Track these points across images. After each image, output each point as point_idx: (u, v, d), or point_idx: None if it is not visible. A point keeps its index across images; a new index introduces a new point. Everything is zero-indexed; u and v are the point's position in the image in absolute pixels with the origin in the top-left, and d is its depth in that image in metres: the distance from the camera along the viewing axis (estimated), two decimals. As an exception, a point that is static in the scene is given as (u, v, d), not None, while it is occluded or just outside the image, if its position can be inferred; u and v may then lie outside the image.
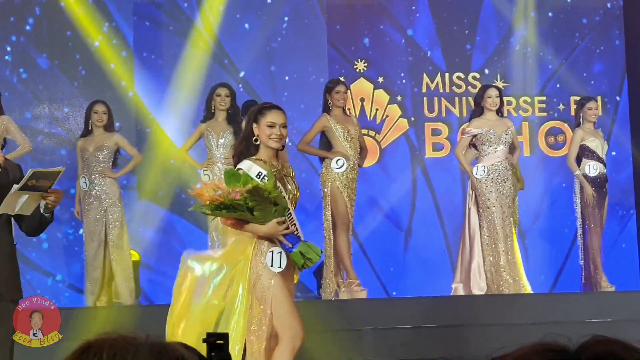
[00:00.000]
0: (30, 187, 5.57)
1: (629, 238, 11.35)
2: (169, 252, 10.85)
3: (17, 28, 10.65)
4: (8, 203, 5.65)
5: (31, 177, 5.53)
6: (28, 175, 5.51)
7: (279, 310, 5.91)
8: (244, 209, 5.70)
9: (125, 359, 1.27)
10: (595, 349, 1.19)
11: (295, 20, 11.20)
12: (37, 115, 10.66)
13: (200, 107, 9.88)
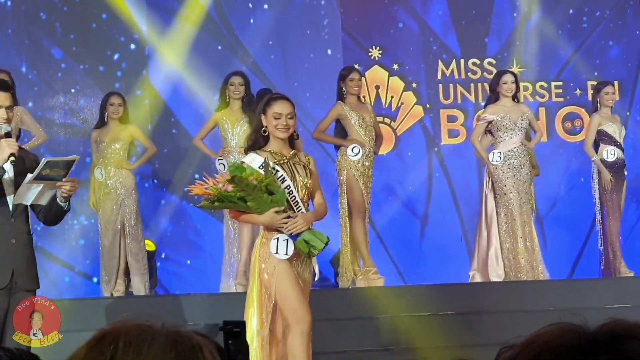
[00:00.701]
0: (44, 177, 5.59)
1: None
2: (185, 242, 10.90)
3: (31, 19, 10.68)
4: (23, 193, 5.68)
5: (45, 167, 5.55)
6: (42, 165, 5.53)
7: (284, 297, 6.00)
8: (236, 200, 5.81)
9: (141, 347, 1.27)
10: (612, 326, 1.19)
11: (308, 7, 11.19)
12: (51, 106, 10.68)
13: (215, 95, 9.88)
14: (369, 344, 8.19)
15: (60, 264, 10.44)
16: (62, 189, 5.68)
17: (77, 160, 5.79)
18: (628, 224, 10.50)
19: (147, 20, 10.92)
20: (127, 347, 1.28)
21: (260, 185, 5.84)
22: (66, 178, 5.67)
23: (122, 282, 9.36)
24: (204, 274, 10.53)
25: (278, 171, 6.05)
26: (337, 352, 7.87)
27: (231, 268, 9.39)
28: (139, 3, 10.89)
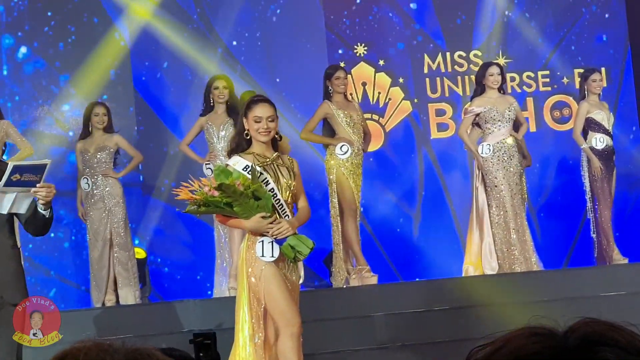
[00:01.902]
0: (15, 183, 5.53)
1: (639, 209, 11.33)
2: (177, 247, 10.89)
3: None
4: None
5: (13, 172, 5.49)
6: (9, 170, 5.46)
7: (272, 300, 6.03)
8: (222, 205, 5.86)
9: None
10: (584, 330, 1.17)
11: (290, 5, 11.18)
12: (37, 117, 10.68)
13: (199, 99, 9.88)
14: (364, 343, 8.20)
15: (49, 275, 10.44)
16: (37, 194, 5.65)
17: (49, 164, 5.71)
18: (620, 211, 10.49)
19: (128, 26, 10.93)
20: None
21: (246, 191, 5.89)
22: (40, 184, 5.62)
23: (112, 292, 9.35)
24: (197, 280, 10.53)
25: (262, 173, 6.09)
26: (332, 353, 7.89)
27: (223, 272, 9.39)
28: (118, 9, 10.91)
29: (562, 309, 7.59)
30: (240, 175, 6.00)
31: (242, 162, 6.12)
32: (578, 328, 1.18)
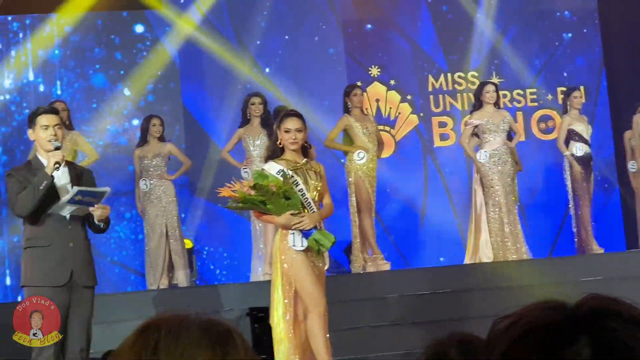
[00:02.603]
0: (77, 202, 5.64)
1: (613, 206, 11.30)
2: (219, 239, 10.92)
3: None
4: (59, 207, 5.71)
5: (77, 194, 5.60)
6: (73, 192, 5.60)
7: (302, 284, 6.03)
8: (257, 203, 5.88)
9: (179, 333, 1.27)
10: (591, 303, 1.17)
11: (316, 34, 11.20)
12: (101, 128, 10.72)
13: (238, 113, 9.90)
14: (379, 321, 8.19)
15: (110, 262, 10.47)
16: (94, 213, 5.73)
17: (108, 192, 5.83)
18: (597, 207, 10.46)
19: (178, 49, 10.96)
20: (168, 334, 1.27)
21: (278, 191, 5.91)
22: (98, 205, 5.71)
23: (166, 277, 9.38)
24: (236, 266, 10.55)
25: (293, 176, 6.10)
26: (352, 329, 7.87)
27: (258, 260, 9.40)
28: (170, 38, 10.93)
29: (548, 292, 7.55)
30: (274, 178, 6.02)
31: (276, 167, 6.14)
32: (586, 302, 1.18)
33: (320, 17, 11.25)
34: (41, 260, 5.78)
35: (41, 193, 5.68)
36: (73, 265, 5.81)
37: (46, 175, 5.68)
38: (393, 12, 11.53)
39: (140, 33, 10.94)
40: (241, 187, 6.01)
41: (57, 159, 5.70)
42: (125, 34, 10.91)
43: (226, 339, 1.28)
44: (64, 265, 5.78)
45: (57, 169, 5.72)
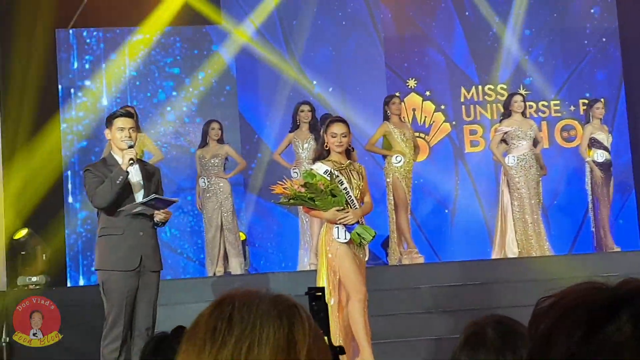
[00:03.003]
0: (148, 204, 5.80)
1: (630, 208, 11.18)
2: (269, 232, 10.96)
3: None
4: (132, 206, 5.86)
5: (151, 199, 5.77)
6: (151, 198, 5.76)
7: (345, 273, 6.06)
8: (307, 199, 5.90)
9: (251, 306, 1.29)
10: (631, 284, 1.16)
11: (359, 49, 11.22)
12: (166, 131, 10.81)
13: (289, 120, 9.95)
14: (413, 309, 8.17)
15: (172, 251, 10.55)
16: (157, 216, 5.85)
17: (177, 202, 6.11)
18: (614, 209, 10.37)
19: (234, 59, 11.03)
20: (241, 306, 1.29)
21: (326, 189, 5.95)
22: (163, 210, 5.90)
23: (221, 265, 9.44)
24: (285, 256, 10.58)
25: (338, 176, 6.13)
26: (389, 315, 7.87)
27: (305, 251, 9.43)
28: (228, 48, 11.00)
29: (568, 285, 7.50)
30: (322, 177, 6.05)
31: (323, 167, 6.17)
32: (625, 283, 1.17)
33: (364, 33, 11.26)
34: (114, 247, 5.87)
35: (118, 187, 5.79)
36: (142, 252, 5.89)
37: (122, 171, 5.81)
38: (429, 29, 11.51)
39: (203, 45, 11.00)
40: (292, 185, 6.06)
41: (131, 155, 5.82)
42: (187, 45, 10.99)
43: (292, 313, 1.30)
44: (134, 252, 5.87)
45: (132, 165, 5.84)
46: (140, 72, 10.83)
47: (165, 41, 10.91)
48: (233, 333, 1.26)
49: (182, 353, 1.29)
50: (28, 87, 9.95)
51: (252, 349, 1.24)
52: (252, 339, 1.25)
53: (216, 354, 1.24)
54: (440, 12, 11.52)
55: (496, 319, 1.97)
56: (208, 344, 1.26)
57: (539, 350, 1.15)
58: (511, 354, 1.91)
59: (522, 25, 11.45)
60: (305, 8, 11.15)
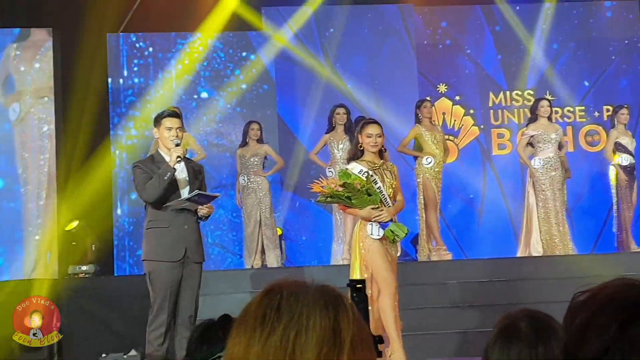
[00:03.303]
0: (192, 200, 5.85)
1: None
2: (305, 228, 10.97)
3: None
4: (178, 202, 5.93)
5: (195, 195, 5.83)
6: (194, 194, 5.82)
7: (377, 267, 6.05)
8: (343, 198, 5.91)
9: (299, 295, 1.29)
10: None
11: (393, 55, 11.19)
12: (209, 131, 10.87)
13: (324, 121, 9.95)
14: (441, 303, 8.15)
15: (213, 244, 10.60)
16: (201, 211, 5.88)
17: (219, 197, 6.16)
18: (637, 211, 10.25)
19: (276, 68, 11.05)
20: (289, 296, 1.30)
21: (362, 189, 5.94)
22: (206, 205, 5.94)
23: (259, 258, 9.47)
24: (319, 251, 10.59)
25: (373, 175, 6.12)
26: (418, 308, 7.85)
27: (338, 246, 9.43)
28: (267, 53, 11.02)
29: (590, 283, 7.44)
30: (357, 177, 6.04)
31: (358, 167, 6.16)
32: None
33: (398, 40, 11.23)
34: (161, 239, 5.91)
35: (165, 183, 5.84)
36: (186, 244, 5.93)
37: (170, 168, 5.86)
38: (460, 37, 11.47)
39: (243, 49, 11.04)
40: (329, 184, 6.06)
41: (179, 153, 5.88)
42: (230, 50, 11.04)
43: (338, 303, 1.30)
44: (179, 244, 5.91)
45: (179, 162, 5.89)
46: (186, 75, 10.90)
47: (210, 46, 10.96)
48: (281, 321, 1.26)
49: (233, 338, 1.29)
50: (83, 87, 10.06)
51: (300, 336, 1.24)
52: (299, 327, 1.25)
53: (265, 340, 1.25)
54: (471, 22, 11.47)
55: (529, 313, 1.96)
56: (258, 331, 1.26)
57: (575, 344, 1.14)
58: (543, 347, 1.90)
59: (549, 35, 11.37)
60: (341, 16, 11.15)
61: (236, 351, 1.26)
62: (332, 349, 1.23)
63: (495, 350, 1.91)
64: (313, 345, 1.23)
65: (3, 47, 9.37)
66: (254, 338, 1.25)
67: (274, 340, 1.24)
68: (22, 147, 9.27)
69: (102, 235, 9.79)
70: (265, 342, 1.24)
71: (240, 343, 1.26)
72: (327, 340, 1.24)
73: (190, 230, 5.95)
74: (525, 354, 1.90)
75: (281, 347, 1.22)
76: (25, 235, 9.18)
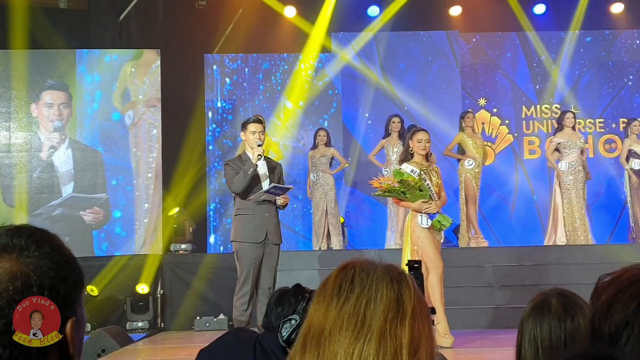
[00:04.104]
0: (269, 192, 5.86)
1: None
2: (363, 217, 10.96)
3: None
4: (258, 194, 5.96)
5: (271, 187, 5.84)
6: (271, 186, 5.82)
7: (426, 251, 6.02)
8: (399, 193, 5.91)
9: (369, 271, 1.31)
10: None
11: (441, 73, 11.10)
12: (286, 135, 10.92)
13: (380, 128, 9.91)
14: (478, 282, 8.08)
15: (287, 229, 10.67)
16: (279, 201, 5.92)
17: (292, 189, 6.12)
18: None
19: (342, 83, 11.03)
20: (361, 271, 1.31)
21: (415, 185, 5.91)
22: (283, 196, 5.96)
23: (325, 242, 9.49)
24: (375, 237, 10.57)
25: (422, 174, 6.09)
26: (459, 287, 7.81)
27: (391, 233, 9.40)
28: (337, 72, 11.01)
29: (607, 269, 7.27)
30: (410, 175, 6.02)
31: (409, 167, 6.15)
32: None
33: (445, 61, 11.13)
34: (246, 224, 5.98)
35: (249, 177, 5.91)
36: (267, 229, 5.99)
37: (252, 164, 5.92)
38: (498, 58, 11.31)
39: (316, 68, 11.06)
40: (386, 181, 6.05)
41: (259, 152, 5.94)
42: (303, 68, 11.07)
43: (401, 278, 1.32)
44: (261, 228, 5.97)
45: (260, 159, 5.95)
46: (270, 90, 10.97)
47: (289, 65, 11.02)
48: (354, 291, 1.27)
49: (314, 305, 1.31)
50: (185, 98, 10.22)
51: (369, 304, 1.26)
52: (369, 297, 1.26)
53: (341, 307, 1.26)
54: (507, 46, 11.31)
55: (559, 291, 1.94)
56: (335, 299, 1.27)
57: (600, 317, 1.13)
58: (570, 320, 1.88)
59: (574, 57, 11.14)
60: (397, 40, 11.10)
61: (317, 316, 1.27)
62: (396, 316, 1.24)
63: (529, 322, 1.90)
64: (380, 312, 1.24)
65: (121, 65, 9.58)
66: (331, 305, 1.26)
67: (348, 307, 1.25)
68: (135, 146, 9.47)
69: (198, 219, 9.94)
70: (341, 309, 1.25)
71: (320, 309, 1.27)
72: (393, 309, 1.25)
73: (270, 217, 6.01)
74: (555, 326, 1.88)
75: (354, 313, 1.24)
76: (135, 219, 9.37)
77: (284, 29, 10.93)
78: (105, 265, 8.51)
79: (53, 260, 1.14)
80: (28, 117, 9.34)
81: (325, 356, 1.22)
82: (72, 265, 1.17)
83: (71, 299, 1.16)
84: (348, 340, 1.22)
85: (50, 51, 9.44)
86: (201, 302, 8.36)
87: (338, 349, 1.22)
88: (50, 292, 1.13)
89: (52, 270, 1.13)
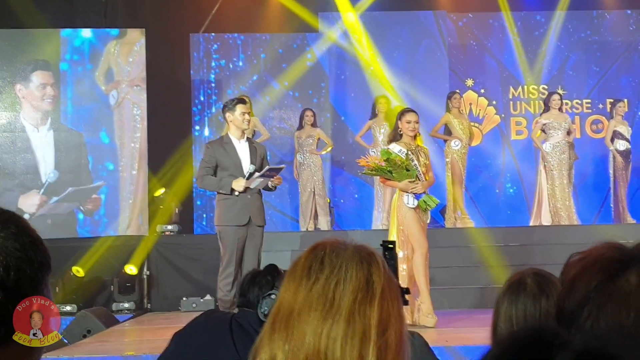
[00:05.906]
0: (264, 175, 5.86)
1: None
2: (351, 198, 10.96)
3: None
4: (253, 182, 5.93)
5: (267, 170, 5.81)
6: (266, 169, 5.80)
7: (412, 231, 6.05)
8: (386, 172, 5.93)
9: (339, 251, 1.31)
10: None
11: (428, 54, 11.07)
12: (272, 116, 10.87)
13: (368, 109, 9.90)
14: (464, 262, 8.13)
15: (275, 210, 10.65)
16: (272, 182, 5.91)
17: (284, 168, 6.16)
18: (631, 190, 10.03)
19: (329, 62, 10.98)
20: (331, 252, 1.31)
21: (402, 165, 5.92)
22: (276, 177, 5.97)
23: (312, 222, 9.51)
24: (361, 217, 10.59)
25: (410, 154, 6.10)
26: (445, 267, 7.84)
27: (378, 213, 9.43)
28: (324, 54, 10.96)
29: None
30: (397, 155, 6.02)
31: (397, 147, 6.15)
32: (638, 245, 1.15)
33: (432, 41, 11.09)
34: (229, 207, 5.97)
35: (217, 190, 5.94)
36: (250, 211, 5.99)
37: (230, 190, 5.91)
38: (485, 39, 11.28)
39: (302, 48, 11.00)
40: (373, 160, 6.05)
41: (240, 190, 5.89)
42: (291, 48, 11.01)
43: (371, 259, 1.32)
44: (244, 211, 5.96)
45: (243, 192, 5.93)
46: (256, 69, 10.92)
47: (275, 45, 10.95)
48: (324, 272, 1.28)
49: (284, 286, 1.31)
50: (169, 78, 10.15)
51: (339, 285, 1.26)
52: (338, 278, 1.27)
53: (311, 287, 1.26)
54: (494, 26, 11.28)
55: (535, 270, 1.95)
56: (304, 280, 1.28)
57: (565, 295, 1.14)
58: (545, 299, 1.89)
59: (561, 38, 11.13)
60: (384, 20, 11.04)
61: (287, 296, 1.27)
62: (365, 296, 1.25)
63: (505, 301, 1.91)
64: (349, 293, 1.25)
65: (105, 44, 9.50)
66: (301, 285, 1.27)
67: (317, 287, 1.25)
68: (119, 127, 9.42)
69: (184, 200, 9.91)
70: (311, 289, 1.26)
71: (290, 290, 1.27)
72: (362, 289, 1.25)
73: (253, 199, 6.00)
74: (530, 305, 1.89)
75: (323, 293, 1.24)
76: (120, 200, 9.34)
77: (270, 9, 10.85)
78: (90, 246, 8.49)
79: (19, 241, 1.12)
80: (11, 97, 9.25)
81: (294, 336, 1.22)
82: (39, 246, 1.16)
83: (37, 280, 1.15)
84: (317, 320, 1.22)
85: (34, 30, 9.34)
86: (187, 283, 8.37)
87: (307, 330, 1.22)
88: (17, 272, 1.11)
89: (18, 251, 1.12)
